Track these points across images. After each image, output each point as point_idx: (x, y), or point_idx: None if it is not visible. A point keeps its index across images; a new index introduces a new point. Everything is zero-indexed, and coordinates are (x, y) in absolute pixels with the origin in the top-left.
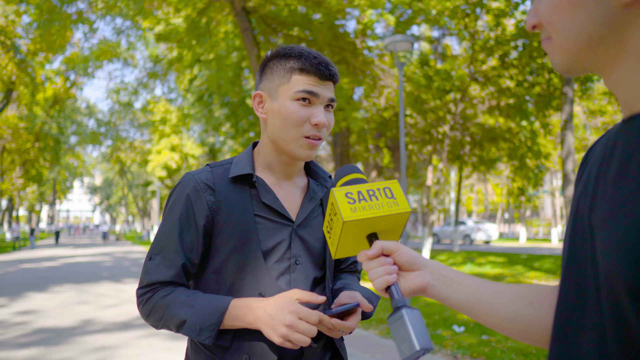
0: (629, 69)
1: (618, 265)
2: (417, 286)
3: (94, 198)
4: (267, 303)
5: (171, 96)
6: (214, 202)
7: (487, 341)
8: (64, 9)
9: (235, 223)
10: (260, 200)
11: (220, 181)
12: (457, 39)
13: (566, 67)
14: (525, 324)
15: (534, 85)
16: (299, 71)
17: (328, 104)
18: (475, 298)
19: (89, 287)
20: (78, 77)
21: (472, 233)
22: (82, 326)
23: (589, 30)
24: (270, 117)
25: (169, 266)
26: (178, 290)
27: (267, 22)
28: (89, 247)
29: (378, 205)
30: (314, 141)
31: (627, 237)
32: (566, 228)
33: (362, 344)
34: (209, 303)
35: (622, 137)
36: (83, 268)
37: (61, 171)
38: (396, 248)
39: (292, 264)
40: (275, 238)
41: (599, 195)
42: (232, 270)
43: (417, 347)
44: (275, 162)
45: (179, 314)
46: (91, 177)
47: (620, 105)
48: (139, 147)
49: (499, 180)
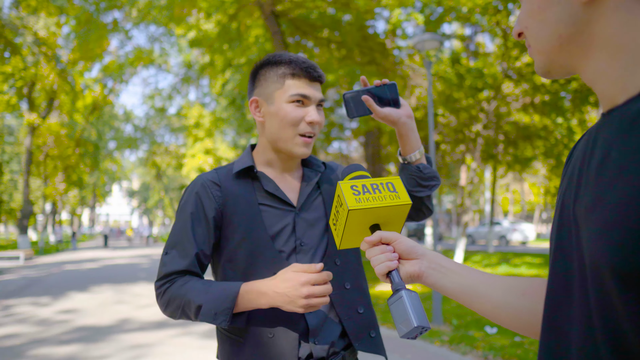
0: (602, 64)
1: (602, 251)
2: (413, 273)
3: (132, 201)
4: (275, 284)
5: (205, 100)
6: (221, 197)
7: (519, 343)
8: (101, 19)
9: (242, 213)
10: (263, 189)
11: (225, 178)
12: (489, 35)
13: (545, 69)
14: (517, 313)
15: (570, 81)
16: (291, 76)
17: (319, 103)
18: (471, 288)
19: (126, 288)
20: (115, 84)
21: (508, 234)
22: (119, 325)
23: (558, 30)
24: (267, 119)
25: (183, 257)
26: (194, 280)
27: (296, 25)
28: (127, 249)
29: (381, 197)
30: (308, 139)
31: (609, 223)
32: (553, 222)
33: (392, 344)
34: (222, 289)
35: (603, 129)
36: (121, 269)
37: (100, 176)
38: (395, 237)
39: (297, 245)
40: (280, 223)
41: (582, 187)
42: (244, 256)
43: (415, 323)
44: (274, 159)
45: (196, 300)
46: (129, 181)
47: (599, 99)
48: (174, 151)
49: (536, 180)
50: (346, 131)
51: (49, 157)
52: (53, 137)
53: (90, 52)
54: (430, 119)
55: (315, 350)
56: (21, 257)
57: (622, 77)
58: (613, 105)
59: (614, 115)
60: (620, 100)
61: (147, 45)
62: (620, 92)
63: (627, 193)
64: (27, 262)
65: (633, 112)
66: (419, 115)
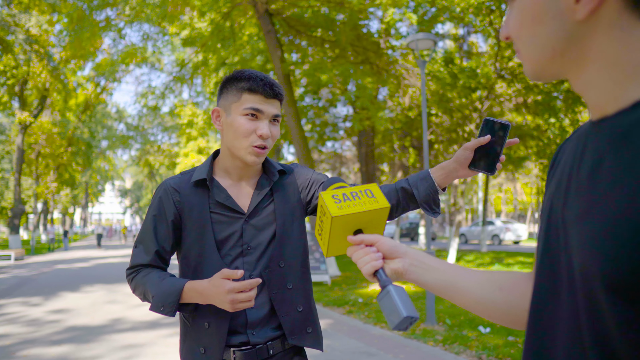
0: (594, 76)
1: (593, 260)
2: (397, 270)
3: (125, 201)
4: (208, 287)
5: (198, 99)
6: (179, 202)
7: (513, 342)
8: (93, 17)
9: (195, 219)
10: (215, 199)
11: (185, 185)
12: (482, 36)
13: (535, 76)
14: (493, 306)
15: (563, 82)
16: (248, 91)
17: (273, 118)
18: (450, 283)
19: (118, 287)
20: (108, 82)
21: (501, 233)
22: (111, 325)
23: (551, 43)
24: (225, 129)
25: (146, 253)
26: (154, 272)
27: (290, 24)
28: (119, 249)
29: (361, 203)
30: (260, 150)
31: (600, 233)
32: (540, 223)
33: (385, 344)
34: (170, 285)
35: (592, 137)
36: (113, 269)
37: (93, 175)
38: (377, 239)
39: (244, 249)
40: (228, 230)
41: (572, 193)
42: (195, 256)
43: (404, 313)
44: (231, 166)
45: (151, 290)
46: (121, 180)
47: (588, 107)
48: (167, 150)
49: (528, 180)
50: (340, 130)
51: (40, 156)
52: (45, 135)
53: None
54: (424, 119)
55: (252, 339)
56: (12, 256)
57: (613, 90)
58: (603, 115)
59: (605, 125)
60: (610, 111)
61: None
62: (611, 103)
63: (619, 205)
64: (18, 262)
65: (625, 125)
66: (413, 115)
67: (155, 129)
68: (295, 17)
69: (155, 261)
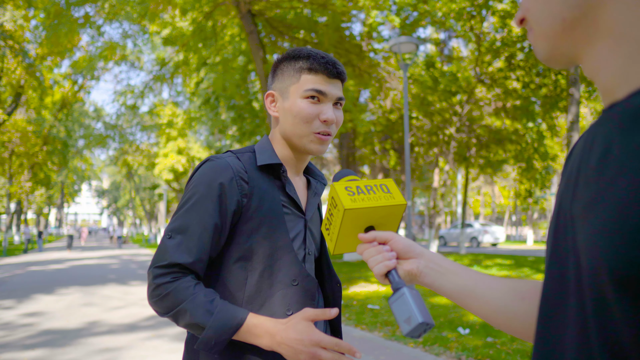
0: (606, 53)
1: (601, 252)
2: (410, 271)
3: (102, 201)
4: (286, 329)
5: (178, 99)
6: (247, 189)
7: (492, 343)
8: (71, 13)
9: (266, 210)
10: (284, 190)
11: (251, 168)
12: (463, 40)
13: (547, 55)
14: (516, 317)
15: (541, 87)
16: (308, 71)
17: (336, 101)
18: (469, 289)
19: (95, 290)
20: (85, 80)
21: (479, 235)
22: (88, 328)
23: (562, 12)
24: (282, 115)
25: (194, 251)
26: (198, 287)
27: (272, 25)
28: (96, 250)
29: (376, 198)
30: (323, 137)
31: (609, 223)
32: (549, 225)
33: (366, 346)
34: (227, 316)
35: (602, 126)
36: (90, 271)
37: (69, 174)
38: (391, 236)
39: (306, 254)
40: (295, 229)
41: (580, 186)
42: (262, 257)
43: (420, 319)
44: (288, 156)
45: (195, 316)
46: (99, 180)
47: (600, 94)
48: (146, 150)
49: (506, 183)
50: None
51: (14, 155)
52: (19, 134)
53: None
54: (406, 121)
55: None
56: None
57: (624, 67)
58: (613, 100)
59: (615, 110)
60: (620, 95)
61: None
62: (621, 85)
63: (629, 192)
64: None
65: (635, 107)
66: (394, 118)
67: (134, 129)
68: (278, 18)
69: (199, 264)
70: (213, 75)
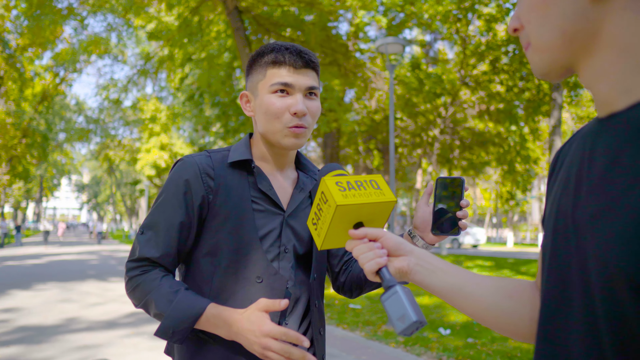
0: (606, 64)
1: (617, 260)
2: (401, 269)
3: (82, 196)
4: (241, 320)
5: (162, 94)
6: (213, 185)
7: (472, 344)
8: (54, 4)
9: (232, 206)
10: (256, 186)
11: (219, 166)
12: (448, 43)
13: (545, 69)
14: (504, 315)
15: (524, 91)
16: (272, 64)
17: (309, 91)
18: (458, 287)
19: (74, 285)
20: (67, 73)
21: (460, 237)
22: (65, 325)
23: (562, 26)
24: (256, 113)
25: (161, 246)
26: (165, 279)
27: (259, 23)
28: (75, 245)
29: (367, 194)
30: (297, 129)
31: (625, 231)
32: (545, 230)
33: (347, 345)
34: (187, 306)
35: (603, 135)
36: (68, 266)
37: (48, 168)
38: (382, 233)
39: (281, 251)
40: (268, 225)
41: (583, 194)
42: (228, 252)
43: (414, 317)
44: (268, 153)
45: (158, 305)
46: (79, 174)
47: (596, 104)
48: (128, 145)
49: (487, 185)
50: None
51: None
52: None
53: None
54: (391, 122)
55: None
56: None
57: (624, 79)
58: (612, 110)
59: (616, 120)
60: (621, 105)
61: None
62: (621, 96)
63: None
64: None
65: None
66: (378, 118)
67: (117, 123)
68: (265, 15)
69: (167, 258)
70: (198, 71)
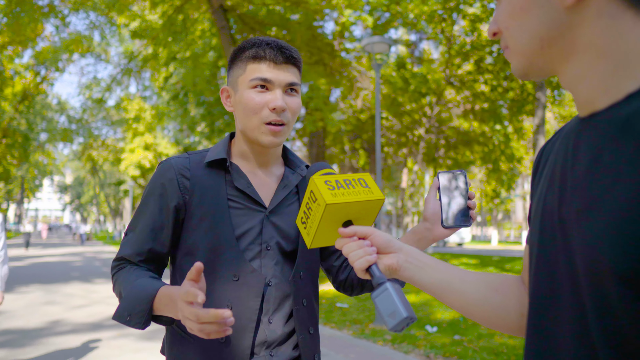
0: (584, 68)
1: (604, 253)
2: (390, 266)
3: (64, 197)
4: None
5: (146, 94)
6: (188, 186)
7: (459, 341)
8: (35, 1)
9: (208, 206)
10: (233, 185)
11: (196, 166)
12: (433, 43)
13: (523, 71)
14: (491, 309)
15: (508, 90)
16: (253, 59)
17: (290, 87)
18: (446, 282)
19: (57, 288)
20: (49, 72)
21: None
22: (49, 327)
23: (539, 32)
24: (235, 109)
25: (135, 245)
26: (135, 270)
27: (244, 21)
28: (58, 247)
29: (356, 192)
30: (275, 127)
31: (611, 226)
32: (532, 226)
33: (335, 344)
34: (141, 289)
35: (585, 133)
36: (51, 268)
37: (30, 169)
38: (371, 231)
39: (262, 249)
40: (247, 223)
41: (568, 190)
42: (205, 252)
43: (405, 313)
44: (249, 150)
45: (122, 292)
46: (61, 175)
47: (577, 104)
48: (112, 145)
49: (472, 184)
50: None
51: None
52: None
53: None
54: (377, 121)
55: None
56: None
57: (603, 81)
58: (594, 110)
59: (598, 120)
60: (601, 105)
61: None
62: (601, 96)
63: (628, 197)
64: None
65: (622, 118)
66: (364, 118)
67: (100, 123)
68: (250, 14)
69: (141, 256)
70: (182, 70)
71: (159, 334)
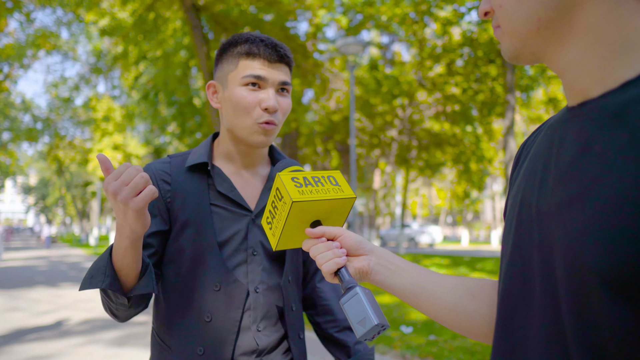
0: (580, 52)
1: (587, 251)
2: (361, 269)
3: (28, 198)
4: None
5: (115, 93)
6: (169, 191)
7: (434, 341)
8: None
9: (190, 212)
10: (216, 189)
11: (177, 171)
12: (405, 45)
13: (515, 53)
14: (466, 315)
15: (478, 93)
16: (246, 55)
17: (282, 87)
18: (420, 287)
19: (21, 293)
20: (12, 69)
21: (417, 236)
22: (13, 335)
23: (537, 12)
24: (223, 106)
25: None
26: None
27: (217, 21)
28: (21, 251)
29: (325, 190)
30: (267, 126)
31: (596, 221)
32: (507, 222)
33: (311, 346)
34: (104, 252)
35: (574, 122)
36: (14, 273)
37: None
38: (341, 232)
39: (249, 254)
40: (232, 228)
41: (549, 183)
42: (187, 260)
43: (376, 320)
44: (234, 151)
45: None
46: (25, 176)
47: (567, 92)
48: (79, 145)
49: (443, 185)
50: None
51: None
52: None
53: None
54: (352, 122)
55: None
56: None
57: (599, 68)
58: (585, 98)
59: (589, 108)
60: (595, 93)
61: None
62: (595, 84)
63: (618, 188)
64: None
65: (616, 106)
66: (337, 119)
67: (67, 123)
68: (223, 14)
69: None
70: (153, 69)
71: (130, 340)
